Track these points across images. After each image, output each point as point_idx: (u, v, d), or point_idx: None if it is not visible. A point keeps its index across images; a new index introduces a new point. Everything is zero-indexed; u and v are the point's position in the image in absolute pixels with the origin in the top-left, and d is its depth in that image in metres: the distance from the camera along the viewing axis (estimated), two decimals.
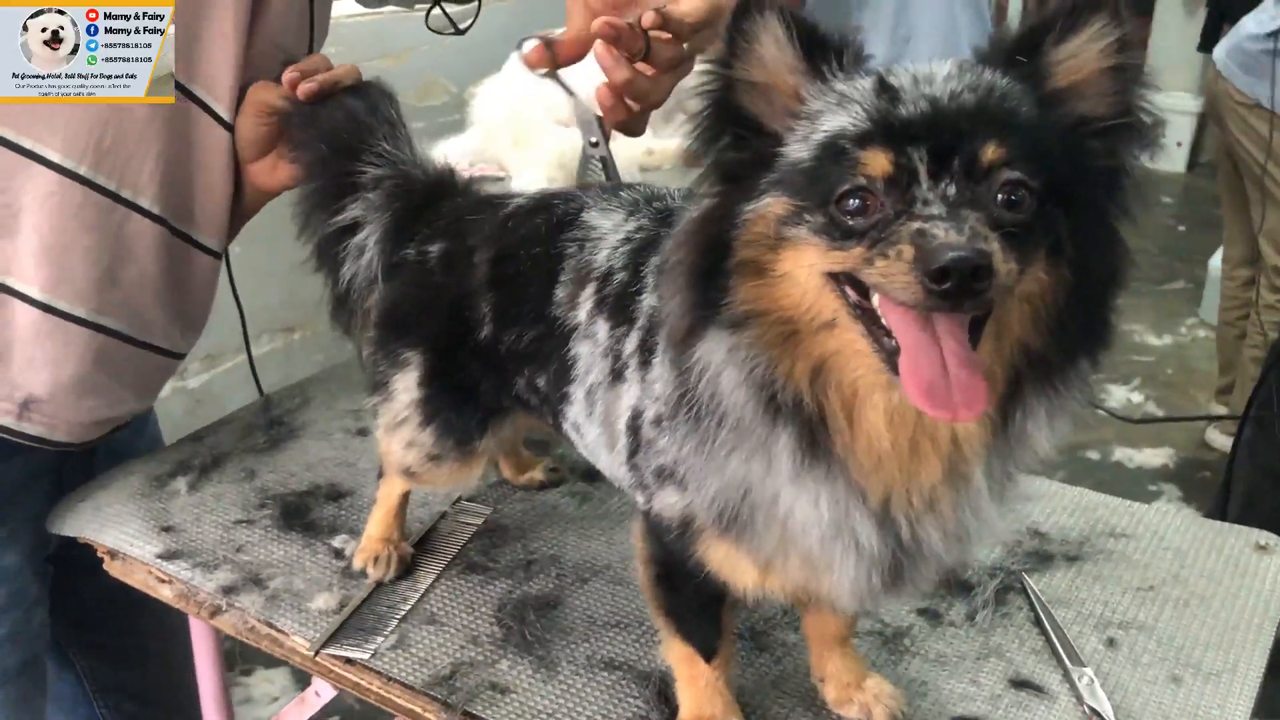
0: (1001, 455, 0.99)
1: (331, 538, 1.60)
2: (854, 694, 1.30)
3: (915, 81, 0.91)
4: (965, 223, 0.84)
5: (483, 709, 1.30)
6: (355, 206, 1.48)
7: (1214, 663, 1.38)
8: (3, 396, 1.54)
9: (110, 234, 1.53)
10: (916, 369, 0.87)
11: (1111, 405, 5.08)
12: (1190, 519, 1.69)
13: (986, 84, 0.92)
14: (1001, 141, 0.87)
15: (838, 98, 0.93)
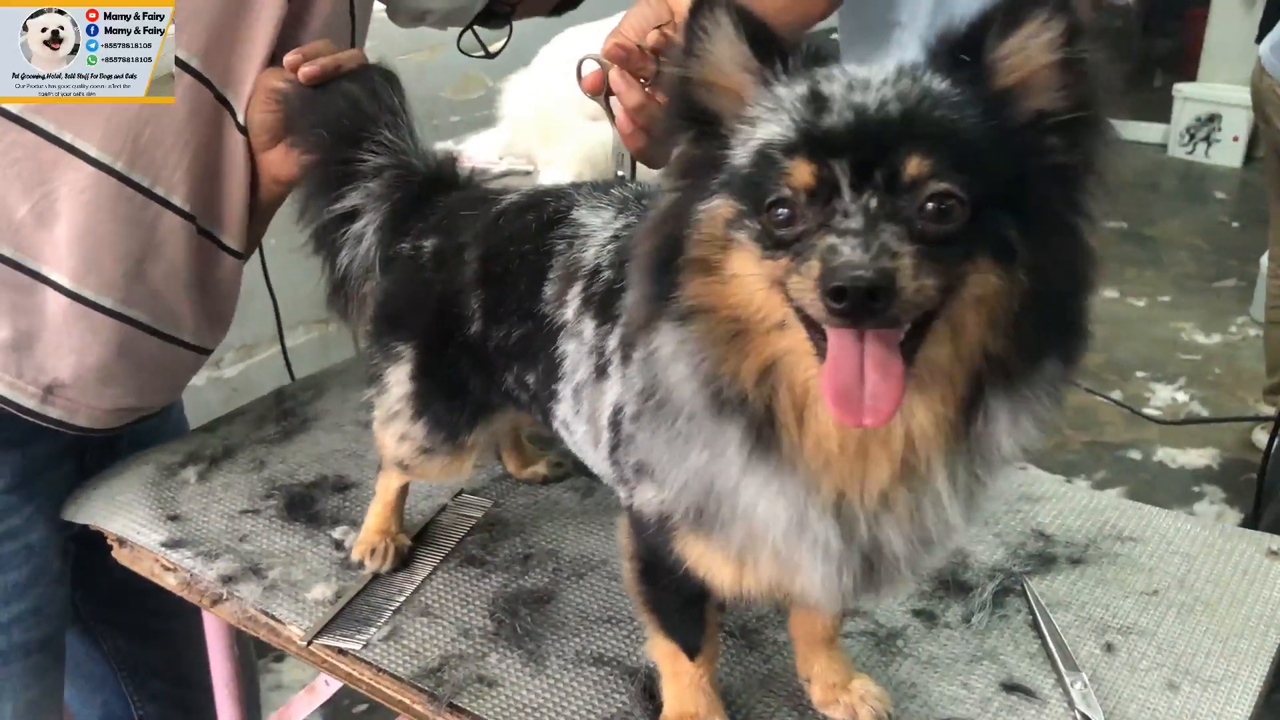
0: (965, 458, 0.97)
1: (334, 529, 1.62)
2: (840, 695, 1.29)
3: (848, 88, 0.90)
4: (876, 239, 0.83)
5: (468, 702, 1.31)
6: (355, 194, 1.49)
7: (1214, 670, 1.36)
8: (29, 380, 1.59)
9: (142, 229, 1.58)
10: (834, 373, 0.87)
11: (1156, 404, 5.01)
12: (1201, 523, 1.65)
13: (920, 91, 0.90)
14: (926, 154, 0.86)
15: (774, 103, 0.92)
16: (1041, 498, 1.71)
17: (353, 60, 1.57)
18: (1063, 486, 1.76)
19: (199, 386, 3.52)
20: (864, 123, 0.87)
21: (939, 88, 0.91)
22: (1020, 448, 0.97)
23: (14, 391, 1.59)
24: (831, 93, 0.90)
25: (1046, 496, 1.72)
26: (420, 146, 1.52)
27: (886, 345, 0.86)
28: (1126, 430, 4.80)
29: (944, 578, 1.51)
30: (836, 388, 0.86)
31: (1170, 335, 5.66)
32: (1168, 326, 5.75)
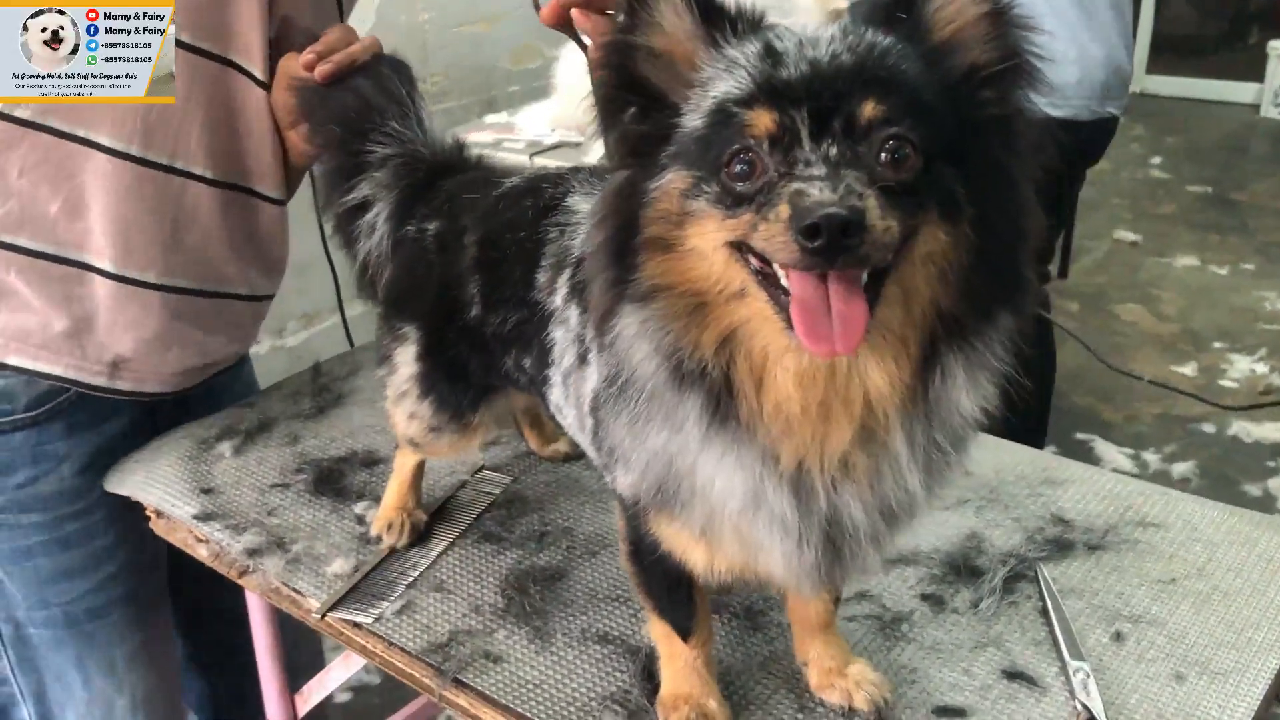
0: (923, 421, 0.98)
1: (358, 504, 1.66)
2: (836, 679, 1.29)
3: (800, 45, 0.92)
4: (842, 181, 0.85)
5: (473, 677, 1.34)
6: (364, 185, 1.52)
7: (1223, 662, 1.34)
8: (93, 360, 1.69)
9: (169, 203, 1.65)
10: (803, 311, 0.88)
11: (1233, 376, 4.87)
12: (1227, 510, 1.62)
13: (867, 44, 0.92)
14: (880, 99, 0.88)
15: (727, 63, 0.94)
16: (1065, 481, 1.69)
17: (366, 52, 1.61)
18: (1087, 470, 1.73)
19: (262, 354, 3.63)
20: (819, 73, 0.90)
21: (885, 42, 0.93)
22: (979, 406, 0.99)
23: (81, 373, 1.69)
24: (785, 49, 0.92)
25: (1070, 480, 1.70)
26: (429, 134, 1.55)
27: (849, 279, 0.88)
28: (1200, 403, 4.68)
29: (955, 562, 1.51)
30: (806, 321, 0.87)
31: (1252, 304, 5.49)
32: (1250, 295, 5.58)
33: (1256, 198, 6.88)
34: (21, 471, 1.72)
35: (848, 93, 0.88)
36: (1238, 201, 6.87)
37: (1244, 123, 8.38)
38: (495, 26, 4.01)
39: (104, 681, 1.85)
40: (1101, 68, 2.91)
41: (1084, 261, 5.96)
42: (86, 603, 1.82)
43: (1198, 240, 6.26)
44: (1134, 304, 5.56)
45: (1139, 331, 5.26)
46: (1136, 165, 7.52)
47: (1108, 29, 2.92)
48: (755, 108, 0.90)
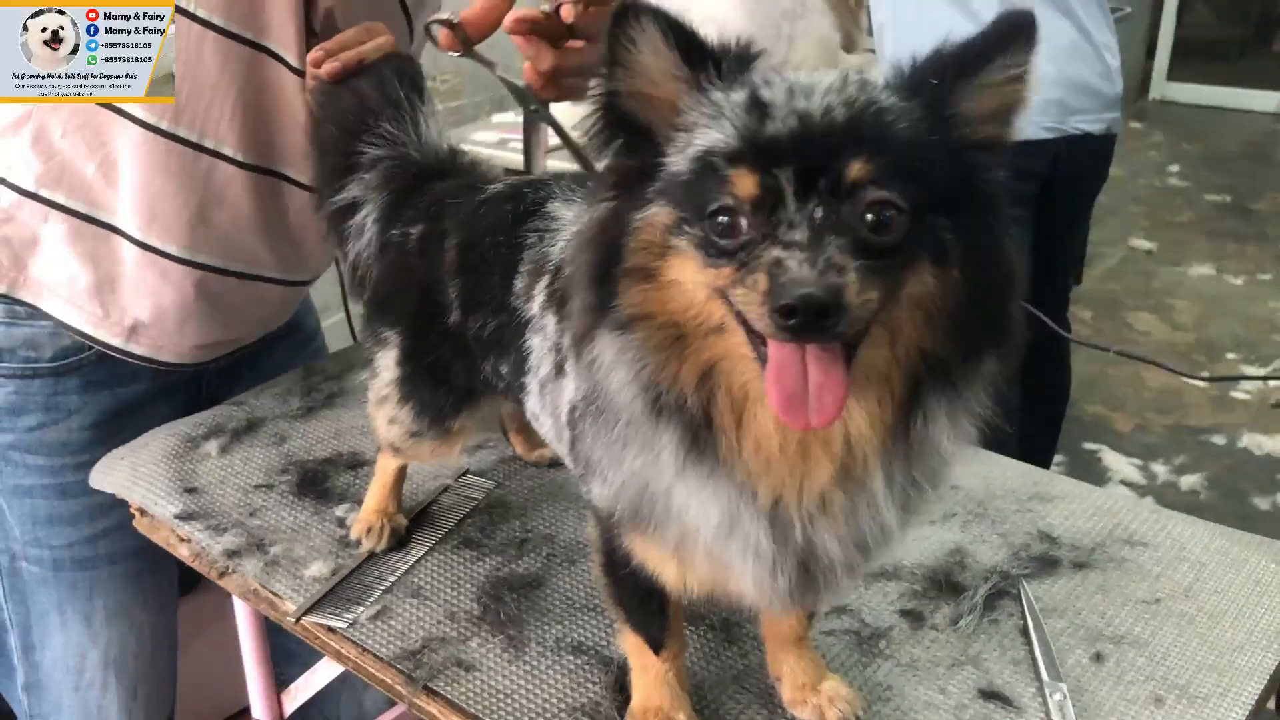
0: (902, 461, 0.97)
1: (339, 506, 1.66)
2: (808, 695, 1.28)
3: (790, 94, 0.89)
4: (822, 253, 0.82)
5: (444, 685, 1.33)
6: (354, 186, 1.52)
7: (1203, 685, 1.32)
8: (114, 320, 1.75)
9: (198, 180, 1.70)
10: (778, 378, 0.86)
11: (1246, 387, 4.83)
12: (1218, 530, 1.60)
13: (865, 99, 0.89)
14: (869, 159, 0.85)
15: (713, 110, 0.91)
16: (1055, 497, 1.67)
17: (377, 52, 1.59)
18: (1078, 486, 1.71)
19: None
20: (808, 129, 0.87)
21: (884, 99, 0.91)
22: (959, 446, 0.98)
23: (101, 330, 1.75)
24: (773, 99, 0.89)
25: (1060, 496, 1.68)
26: (425, 138, 1.53)
27: (828, 349, 0.87)
28: (1212, 414, 4.65)
29: (937, 577, 1.49)
30: (782, 393, 0.86)
31: (1268, 315, 5.45)
32: (1266, 306, 5.55)
33: (1276, 207, 6.83)
34: (33, 415, 1.79)
35: (836, 152, 0.86)
36: (1256, 211, 6.81)
37: (1265, 131, 8.32)
38: None
39: (79, 631, 1.89)
40: (1055, 85, 2.86)
41: (1098, 269, 5.94)
42: (75, 551, 1.86)
43: (1214, 249, 6.22)
44: (1148, 313, 5.52)
45: (1152, 340, 5.22)
46: (1154, 173, 7.47)
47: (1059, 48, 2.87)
48: (738, 167, 0.87)
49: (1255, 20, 9.49)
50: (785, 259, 0.83)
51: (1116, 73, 3.01)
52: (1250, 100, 8.55)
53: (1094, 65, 2.93)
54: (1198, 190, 7.16)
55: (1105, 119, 2.99)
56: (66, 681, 1.93)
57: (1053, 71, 2.84)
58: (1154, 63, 8.90)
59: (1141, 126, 8.34)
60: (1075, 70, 2.89)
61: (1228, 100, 8.66)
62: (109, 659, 1.92)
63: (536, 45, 1.43)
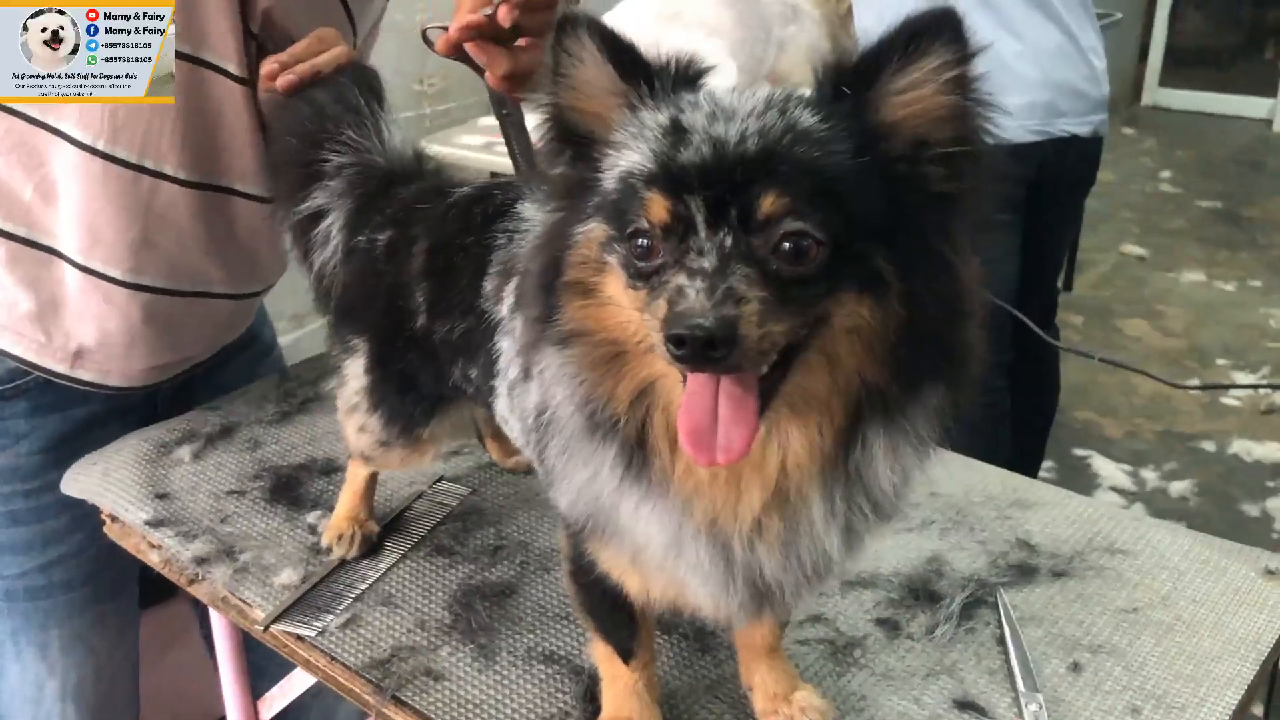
0: (843, 488, 0.95)
1: (311, 513, 1.64)
2: (780, 705, 1.26)
3: (710, 119, 0.87)
4: (724, 283, 0.82)
5: (412, 695, 1.31)
6: (319, 195, 1.50)
7: (1180, 695, 1.30)
8: (57, 345, 1.68)
9: (139, 202, 1.63)
10: (688, 411, 0.86)
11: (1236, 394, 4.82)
12: (1198, 538, 1.58)
13: (783, 125, 0.86)
14: (782, 192, 0.84)
15: (637, 130, 0.90)
16: (1034, 504, 1.66)
17: (332, 63, 1.58)
18: (1058, 493, 1.70)
19: None
20: (721, 158, 0.85)
21: (806, 122, 0.88)
22: (902, 478, 0.95)
23: (44, 358, 1.69)
24: (692, 123, 0.88)
25: (1040, 503, 1.66)
26: (388, 144, 1.52)
27: (742, 383, 0.85)
28: (1202, 420, 4.64)
29: (914, 586, 1.48)
30: (689, 426, 0.86)
31: (1258, 322, 5.44)
32: (1256, 312, 5.54)
33: (1268, 214, 6.83)
34: None
35: (747, 183, 0.84)
36: (1248, 217, 6.81)
37: (1257, 138, 8.32)
38: None
39: (35, 662, 1.85)
40: (1041, 89, 2.85)
41: (1089, 274, 5.93)
42: (28, 581, 1.81)
43: (1206, 256, 6.22)
44: (1139, 319, 5.52)
45: (1143, 346, 5.22)
46: (1146, 179, 7.47)
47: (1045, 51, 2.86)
48: (652, 191, 0.87)
49: (1247, 27, 9.50)
50: (686, 287, 0.82)
51: (1103, 75, 3.00)
52: (1242, 107, 8.55)
53: (1080, 68, 2.92)
54: (1190, 196, 7.15)
55: (1092, 121, 2.97)
56: (25, 711, 1.88)
57: (1038, 75, 2.83)
58: (1146, 68, 8.90)
59: (1134, 132, 8.34)
60: (1061, 73, 2.87)
61: (1220, 107, 8.67)
62: (67, 689, 1.87)
63: (487, 50, 1.43)
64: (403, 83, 4.08)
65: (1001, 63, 2.79)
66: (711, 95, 0.91)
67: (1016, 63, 2.80)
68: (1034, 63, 2.82)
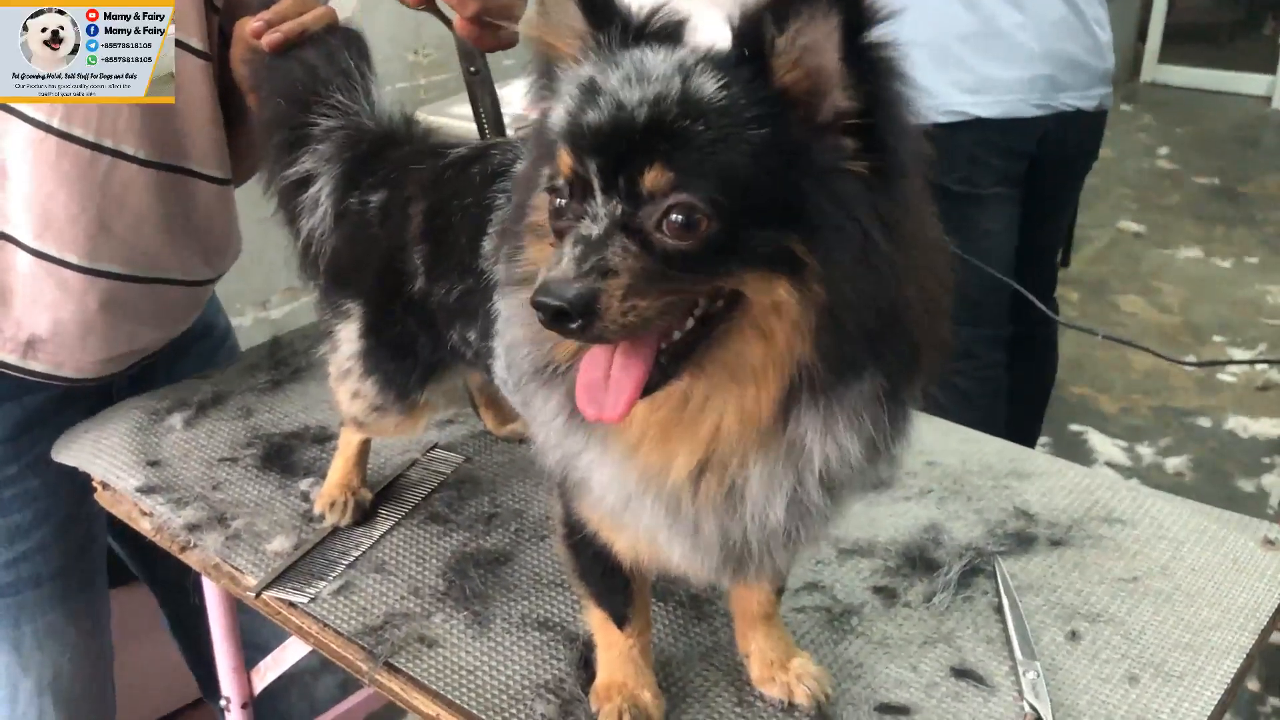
0: (784, 460, 0.94)
1: (304, 480, 1.62)
2: (776, 673, 1.25)
3: (625, 81, 0.86)
4: (596, 255, 0.83)
5: (405, 662, 1.30)
6: (308, 159, 1.48)
7: (1178, 664, 1.29)
8: (8, 336, 1.63)
9: (94, 184, 1.58)
10: (586, 367, 0.89)
11: (1232, 370, 4.81)
12: (1196, 508, 1.57)
13: (680, 94, 0.84)
14: (667, 166, 0.83)
15: (572, 81, 0.89)
16: (1032, 474, 1.65)
17: (318, 23, 1.55)
18: (1055, 463, 1.69)
19: (246, 326, 3.59)
20: (616, 124, 0.84)
21: (707, 90, 0.85)
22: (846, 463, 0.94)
23: None
24: (606, 84, 0.86)
25: (1037, 473, 1.65)
26: (376, 107, 1.50)
27: (635, 348, 0.87)
28: (1197, 396, 4.63)
29: (911, 554, 1.47)
30: (584, 381, 0.88)
31: (1254, 298, 5.42)
32: (1253, 289, 5.52)
33: (1265, 190, 6.80)
34: None
35: (635, 153, 0.84)
36: (1245, 194, 6.79)
37: (1255, 114, 8.28)
38: None
39: (8, 660, 1.81)
40: (1044, 61, 2.81)
41: (1086, 251, 5.91)
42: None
43: (1202, 232, 6.20)
44: (1135, 295, 5.50)
45: (1139, 323, 5.20)
46: (1143, 155, 7.44)
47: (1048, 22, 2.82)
48: (561, 149, 0.87)
49: (1246, 4, 9.45)
50: (562, 254, 0.83)
51: (1108, 47, 2.95)
52: (1241, 84, 8.51)
53: (1083, 40, 2.87)
54: (1187, 173, 7.12)
55: (1096, 95, 2.93)
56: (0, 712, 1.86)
57: (1040, 47, 2.79)
58: (1145, 45, 8.85)
59: (1131, 109, 8.30)
60: (1064, 45, 2.83)
61: (1218, 83, 8.62)
62: (43, 684, 1.84)
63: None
64: (397, 52, 4.04)
65: (1002, 34, 2.76)
66: (645, 53, 0.88)
67: (1018, 34, 2.76)
68: (1035, 34, 2.77)
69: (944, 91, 2.75)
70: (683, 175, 0.83)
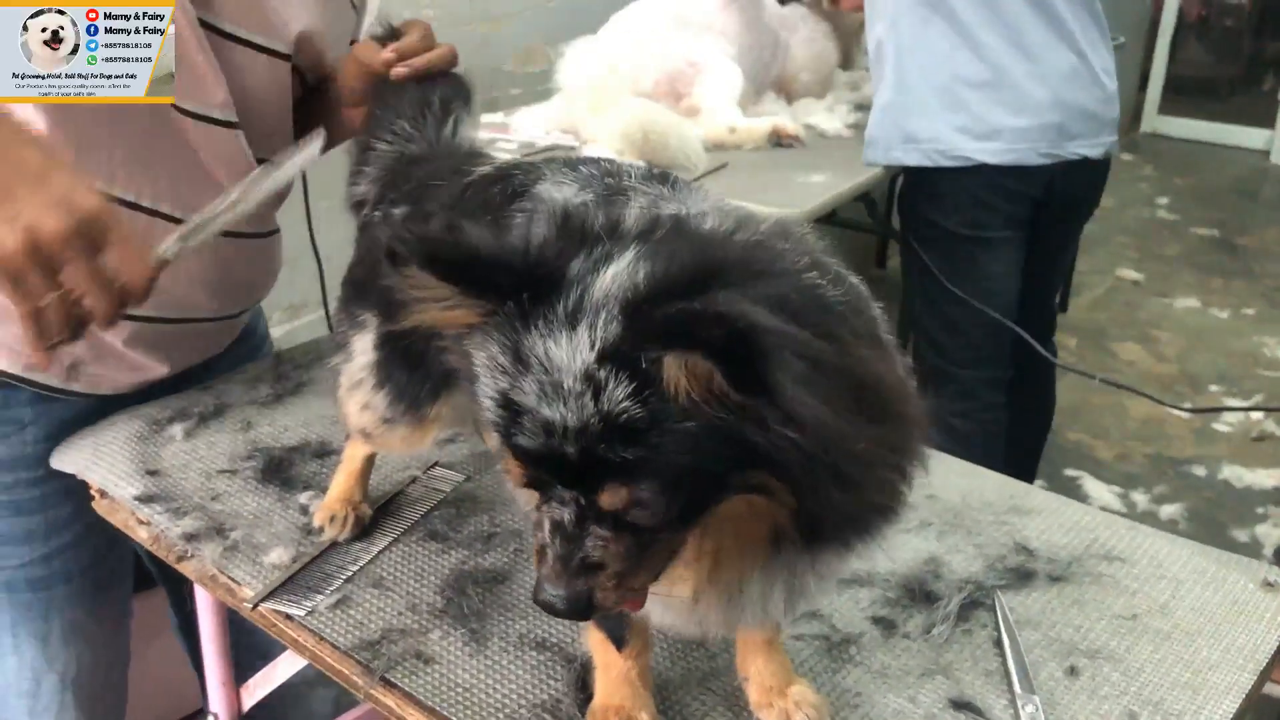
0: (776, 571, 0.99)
1: (304, 493, 1.62)
2: (775, 699, 1.25)
3: (541, 396, 0.84)
4: (578, 551, 0.88)
5: (402, 677, 1.30)
6: (363, 182, 1.54)
7: (1177, 702, 1.29)
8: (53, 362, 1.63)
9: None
10: None
11: (1228, 420, 4.83)
12: (1196, 548, 1.57)
13: (601, 417, 0.82)
14: (615, 481, 0.85)
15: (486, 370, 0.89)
16: (1032, 511, 1.65)
17: (444, 62, 1.61)
18: (1055, 501, 1.69)
19: None
20: (551, 453, 0.86)
21: (622, 404, 0.82)
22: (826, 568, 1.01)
23: (36, 373, 1.67)
24: (524, 402, 0.86)
25: (1037, 510, 1.65)
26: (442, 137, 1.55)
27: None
28: (1193, 445, 4.64)
29: (911, 586, 1.46)
30: None
31: (1251, 349, 5.45)
32: (1250, 340, 5.55)
33: (1263, 243, 6.85)
34: None
35: (581, 478, 0.86)
36: (1243, 246, 6.84)
37: (1254, 168, 8.36)
38: (501, 27, 3.97)
39: (34, 653, 1.82)
40: (1053, 110, 2.83)
41: (1084, 297, 5.94)
42: (29, 571, 1.78)
43: (1200, 282, 6.23)
44: (1133, 343, 5.52)
45: (1137, 371, 5.22)
46: (1143, 204, 7.49)
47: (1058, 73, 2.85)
48: (508, 454, 0.90)
49: (1246, 59, 9.55)
50: (546, 547, 0.89)
51: (1114, 96, 2.98)
52: (1240, 137, 8.59)
53: (1092, 90, 2.90)
54: (1186, 224, 7.17)
55: (1103, 143, 2.96)
56: (20, 706, 1.86)
57: (1050, 97, 2.82)
58: (1146, 96, 8.94)
59: (1132, 158, 8.37)
60: (1074, 95, 2.85)
61: (1218, 136, 8.70)
62: (66, 680, 1.86)
63: None
64: None
65: (1013, 83, 2.78)
66: (545, 353, 0.85)
67: (1028, 84, 2.79)
68: (1046, 84, 2.80)
69: (952, 138, 2.78)
70: (632, 483, 0.85)
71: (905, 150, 2.85)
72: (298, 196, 1.98)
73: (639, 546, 0.89)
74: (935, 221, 2.87)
